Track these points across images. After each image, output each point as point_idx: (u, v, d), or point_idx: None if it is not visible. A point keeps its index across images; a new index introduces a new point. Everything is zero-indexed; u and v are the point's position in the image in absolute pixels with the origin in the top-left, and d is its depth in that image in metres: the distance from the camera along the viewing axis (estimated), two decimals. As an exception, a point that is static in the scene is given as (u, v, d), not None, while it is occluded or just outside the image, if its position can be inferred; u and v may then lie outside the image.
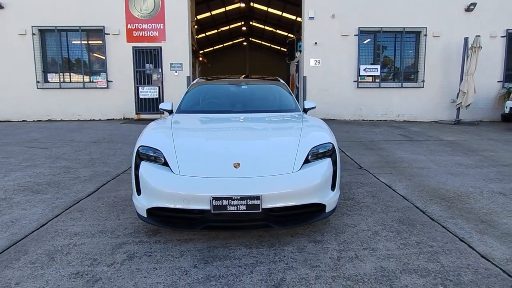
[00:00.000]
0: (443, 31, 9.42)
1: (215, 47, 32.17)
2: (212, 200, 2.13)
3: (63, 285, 1.87)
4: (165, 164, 2.40)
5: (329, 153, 2.59)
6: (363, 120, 9.62)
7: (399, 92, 9.70)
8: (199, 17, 22.24)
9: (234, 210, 2.15)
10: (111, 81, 9.50)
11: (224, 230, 2.42)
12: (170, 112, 3.79)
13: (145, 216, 2.36)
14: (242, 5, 21.33)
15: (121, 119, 9.62)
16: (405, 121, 9.71)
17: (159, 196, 2.27)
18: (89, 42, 9.53)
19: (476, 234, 2.49)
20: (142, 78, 9.60)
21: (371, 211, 2.94)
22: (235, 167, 2.32)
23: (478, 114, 9.73)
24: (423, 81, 9.63)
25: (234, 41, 32.44)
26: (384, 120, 9.67)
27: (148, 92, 9.54)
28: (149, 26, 9.26)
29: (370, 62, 9.63)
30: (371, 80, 9.71)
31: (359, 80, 9.58)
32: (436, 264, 2.06)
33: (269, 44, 30.72)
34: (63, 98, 9.48)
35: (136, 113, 9.68)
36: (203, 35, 26.77)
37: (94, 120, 9.63)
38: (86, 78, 9.59)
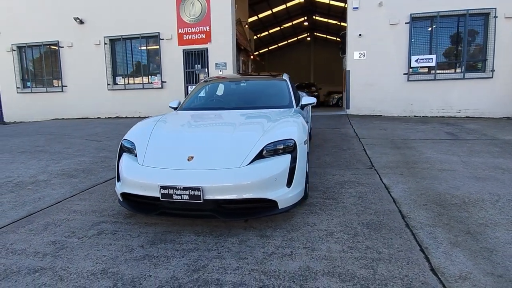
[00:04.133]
0: (519, 10, 7.90)
1: (279, 44, 32.40)
2: (160, 188, 2.36)
3: (39, 249, 2.33)
4: (136, 155, 2.72)
5: (290, 149, 2.59)
6: (414, 116, 8.70)
7: (461, 84, 8.48)
8: (260, 15, 22.72)
9: (179, 199, 2.35)
10: (165, 82, 10.52)
11: (175, 216, 2.64)
12: (176, 109, 4.15)
13: (121, 200, 2.73)
14: (301, -1, 21.04)
15: (173, 116, 10.61)
16: (468, 117, 8.46)
17: (126, 183, 2.61)
18: (148, 47, 10.72)
19: (447, 245, 2.21)
20: (190, 78, 10.40)
21: (344, 212, 2.81)
22: (188, 160, 2.51)
23: None
24: (493, 70, 8.23)
25: (298, 37, 32.17)
26: (440, 117, 8.58)
27: (196, 90, 10.27)
28: (197, 29, 9.96)
29: (424, 52, 8.62)
30: (426, 72, 8.70)
31: (410, 73, 8.68)
32: (369, 271, 1.93)
33: (334, 38, 29.58)
34: (127, 98, 10.90)
35: (186, 110, 10.52)
36: (266, 33, 27.23)
37: (151, 116, 10.81)
38: (145, 80, 10.83)
